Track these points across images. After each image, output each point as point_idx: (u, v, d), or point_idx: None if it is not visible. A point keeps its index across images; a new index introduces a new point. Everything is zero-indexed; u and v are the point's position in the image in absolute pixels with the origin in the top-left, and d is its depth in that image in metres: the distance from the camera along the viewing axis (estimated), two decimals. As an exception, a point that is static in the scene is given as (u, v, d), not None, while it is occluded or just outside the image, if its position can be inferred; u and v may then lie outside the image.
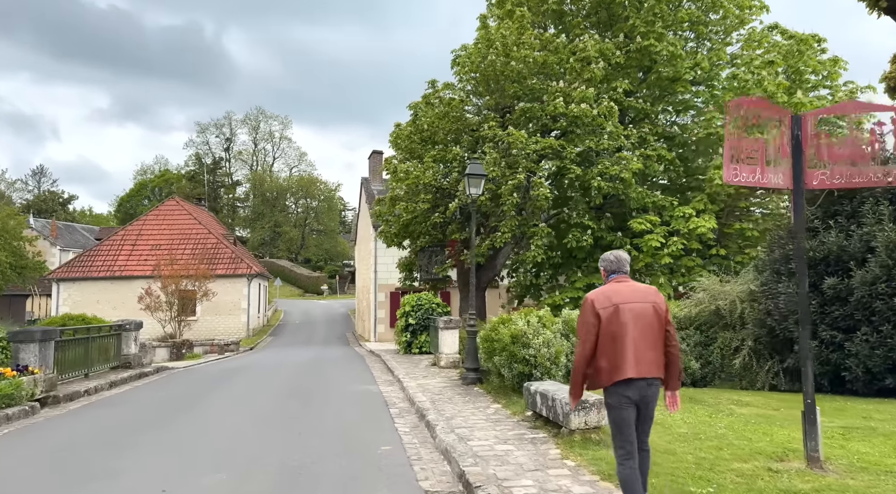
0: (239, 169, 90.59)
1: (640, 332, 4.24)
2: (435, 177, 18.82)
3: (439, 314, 17.94)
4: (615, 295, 4.34)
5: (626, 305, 4.28)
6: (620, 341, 4.21)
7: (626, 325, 4.22)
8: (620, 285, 4.45)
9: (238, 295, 33.00)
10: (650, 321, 4.29)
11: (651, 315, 4.30)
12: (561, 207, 19.39)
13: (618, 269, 4.55)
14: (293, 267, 75.45)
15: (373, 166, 32.48)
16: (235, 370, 16.45)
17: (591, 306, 4.31)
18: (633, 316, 4.26)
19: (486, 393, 10.35)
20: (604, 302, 4.30)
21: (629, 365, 4.19)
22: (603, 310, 4.27)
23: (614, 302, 4.29)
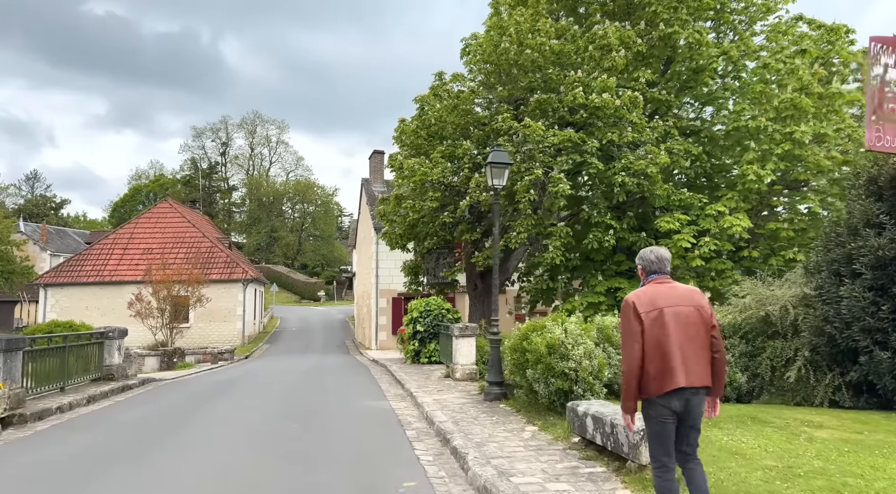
0: (235, 173, 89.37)
1: (686, 337, 3.97)
2: (443, 174, 17.54)
3: (450, 320, 16.63)
4: (657, 297, 4.06)
5: (669, 308, 4.00)
6: (666, 346, 3.93)
7: (671, 330, 3.95)
8: (662, 286, 4.15)
9: (233, 300, 31.64)
10: (695, 325, 4.02)
11: (696, 318, 4.04)
12: (577, 206, 18.13)
13: (659, 269, 4.25)
14: (290, 273, 74.07)
15: (374, 167, 31.21)
16: (228, 382, 15.10)
17: (633, 309, 4.02)
18: (677, 319, 3.99)
19: (514, 411, 9.04)
20: (646, 304, 4.02)
21: (679, 372, 3.91)
22: (646, 314, 3.98)
23: (658, 305, 4.01)
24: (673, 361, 3.92)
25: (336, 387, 13.34)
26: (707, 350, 4.05)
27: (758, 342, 11.44)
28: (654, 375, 3.94)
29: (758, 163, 15.78)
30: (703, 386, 3.99)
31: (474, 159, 17.74)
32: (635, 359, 3.96)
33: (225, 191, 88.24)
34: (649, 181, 15.77)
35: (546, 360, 8.03)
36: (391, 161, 20.08)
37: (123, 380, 13.80)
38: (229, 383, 14.78)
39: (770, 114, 16.03)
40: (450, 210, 17.86)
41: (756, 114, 16.27)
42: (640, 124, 15.98)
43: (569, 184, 15.49)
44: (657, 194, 16.15)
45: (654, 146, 15.82)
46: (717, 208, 15.40)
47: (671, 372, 3.91)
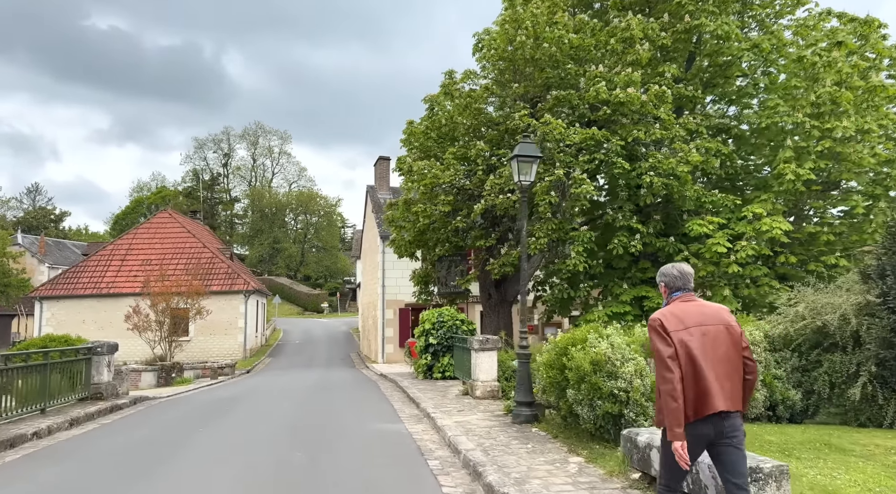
0: (237, 185, 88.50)
1: (717, 357, 3.78)
2: (456, 177, 16.50)
3: (465, 332, 15.51)
4: (685, 316, 3.87)
5: (699, 328, 3.81)
6: (699, 368, 3.72)
7: (703, 350, 3.75)
8: (688, 305, 3.96)
9: (234, 312, 30.56)
10: (726, 346, 3.82)
11: (726, 339, 3.84)
12: (597, 209, 17.06)
13: (683, 285, 4.07)
14: (292, 285, 73.00)
15: (379, 174, 30.19)
16: (228, 400, 13.98)
17: (662, 329, 3.81)
18: (708, 340, 3.79)
19: (550, 436, 7.91)
20: (675, 323, 3.82)
21: (716, 394, 3.69)
22: (675, 333, 3.78)
23: (687, 324, 3.82)
24: (708, 383, 3.68)
25: (344, 406, 12.21)
26: (739, 371, 3.84)
27: (812, 355, 10.31)
28: (690, 398, 3.69)
29: (795, 161, 14.72)
30: (738, 409, 3.77)
31: (488, 161, 16.71)
32: (676, 379, 3.65)
33: (227, 202, 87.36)
34: (679, 181, 14.72)
35: (591, 379, 6.92)
36: (399, 164, 19.05)
37: (113, 400, 12.69)
38: (228, 401, 13.66)
39: (807, 110, 14.98)
40: (462, 214, 16.82)
41: (791, 109, 15.22)
42: (668, 121, 14.94)
43: (592, 185, 14.43)
44: (686, 196, 15.09)
45: (683, 144, 14.77)
46: (755, 209, 14.30)
47: (708, 395, 3.67)
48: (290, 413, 11.30)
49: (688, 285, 4.07)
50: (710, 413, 3.67)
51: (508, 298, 18.41)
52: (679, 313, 3.88)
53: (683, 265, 4.17)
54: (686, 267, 4.14)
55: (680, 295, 4.03)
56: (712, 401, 3.67)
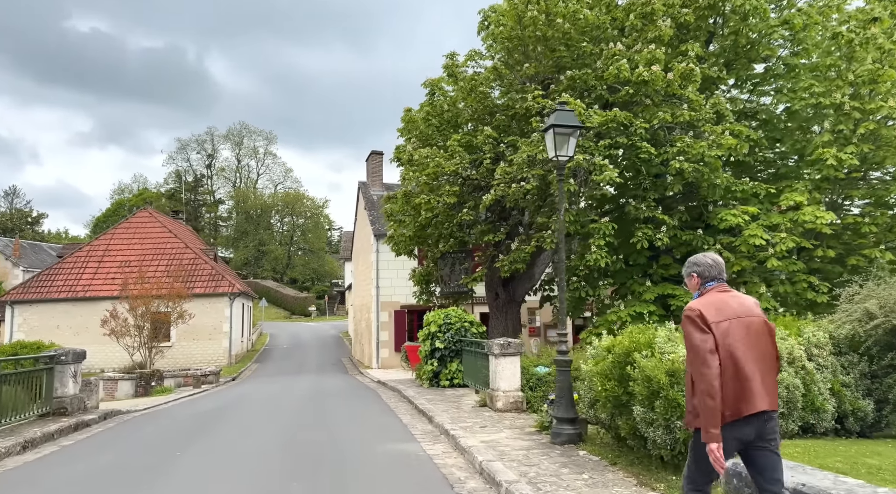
0: (221, 186, 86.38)
1: (759, 354, 3.52)
2: (461, 166, 15.09)
3: (474, 335, 14.10)
4: (724, 307, 3.59)
5: (740, 320, 3.55)
6: (741, 363, 3.44)
7: (745, 345, 3.48)
8: (725, 296, 3.69)
9: (219, 316, 28.91)
10: (765, 340, 3.59)
11: (765, 333, 3.61)
12: (616, 200, 15.72)
13: (717, 275, 3.80)
14: (279, 288, 71.15)
15: (371, 169, 28.72)
16: (212, 414, 12.45)
17: (702, 319, 3.50)
18: (749, 333, 3.53)
19: (607, 462, 6.49)
20: (715, 314, 3.53)
21: (759, 393, 3.42)
22: (716, 325, 3.49)
23: (727, 315, 3.54)
24: (751, 381, 3.44)
25: (344, 421, 10.73)
26: (776, 368, 3.67)
27: (886, 359, 9.02)
28: (731, 397, 3.41)
29: (836, 145, 13.48)
30: (776, 409, 3.53)
31: (496, 149, 15.32)
32: (715, 375, 3.39)
33: (211, 204, 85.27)
34: (709, 168, 13.41)
35: (669, 394, 5.51)
36: (398, 154, 17.61)
37: (79, 415, 11.13)
38: (213, 415, 12.13)
39: (845, 90, 13.75)
40: (469, 206, 15.41)
41: (826, 90, 13.98)
42: (696, 102, 13.63)
43: (615, 172, 13.07)
44: (716, 184, 13.77)
45: (714, 126, 13.46)
46: (795, 198, 12.99)
47: (750, 394, 3.43)
48: (283, 430, 9.80)
49: (722, 275, 3.81)
50: (753, 412, 3.41)
51: (517, 298, 17.03)
52: (718, 304, 3.60)
53: (715, 254, 3.92)
54: (718, 257, 3.88)
55: (714, 285, 3.75)
56: (755, 400, 3.41)
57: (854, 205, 14.94)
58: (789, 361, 7.95)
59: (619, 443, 6.90)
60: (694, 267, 3.87)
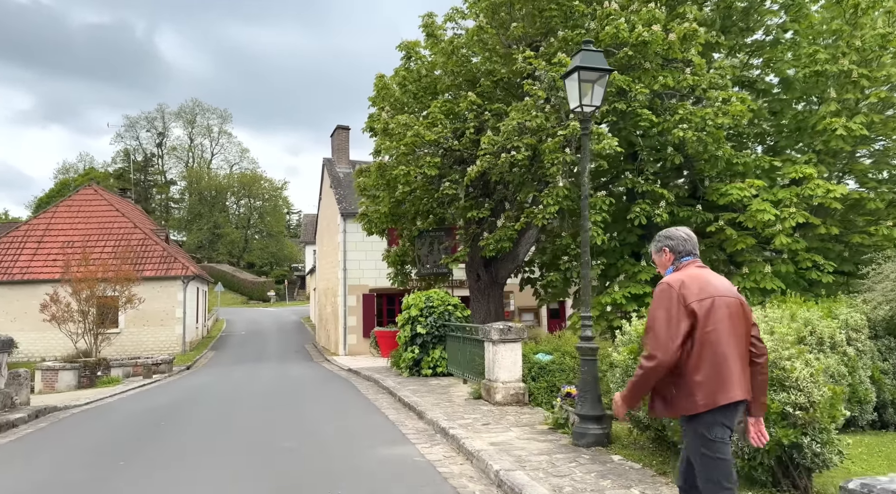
0: (173, 166, 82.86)
1: (737, 337, 3.20)
2: (442, 135, 13.80)
3: (459, 319, 12.91)
4: (706, 284, 3.24)
5: (721, 298, 3.22)
6: (721, 348, 3.13)
7: (725, 326, 3.16)
8: (704, 272, 3.35)
9: (171, 301, 27.06)
10: (742, 322, 3.26)
11: (741, 314, 3.27)
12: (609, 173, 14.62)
13: (692, 250, 3.47)
14: (235, 272, 68.70)
15: (337, 145, 27.10)
16: (165, 410, 10.97)
17: (680, 296, 3.16)
18: (729, 314, 3.20)
19: (655, 472, 5.36)
20: (696, 292, 3.18)
21: (736, 381, 3.12)
22: (698, 304, 3.15)
23: (709, 293, 3.20)
24: (730, 367, 3.10)
25: (321, 417, 9.42)
26: (748, 353, 3.26)
27: (929, 342, 8.20)
28: (706, 385, 3.07)
29: (845, 114, 12.65)
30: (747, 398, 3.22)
31: (480, 117, 14.06)
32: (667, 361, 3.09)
33: (162, 185, 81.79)
34: (713, 139, 12.42)
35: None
36: (370, 122, 16.18)
37: (5, 414, 9.55)
38: (166, 412, 10.66)
39: (852, 57, 12.91)
40: (452, 180, 14.15)
41: (831, 57, 13.12)
42: (699, 65, 12.60)
43: (615, 140, 11.96)
44: (717, 156, 12.80)
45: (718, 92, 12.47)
46: (805, 171, 12.10)
47: (727, 381, 3.08)
48: (250, 431, 8.45)
49: (696, 250, 3.49)
50: (729, 402, 3.08)
51: (500, 280, 15.87)
52: (700, 280, 3.25)
53: (686, 228, 3.57)
54: (691, 231, 3.55)
55: (689, 260, 3.42)
56: (731, 388, 3.09)
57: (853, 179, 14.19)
58: (831, 346, 6.98)
59: (658, 446, 5.81)
60: (666, 241, 3.51)
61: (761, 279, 12.27)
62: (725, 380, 3.09)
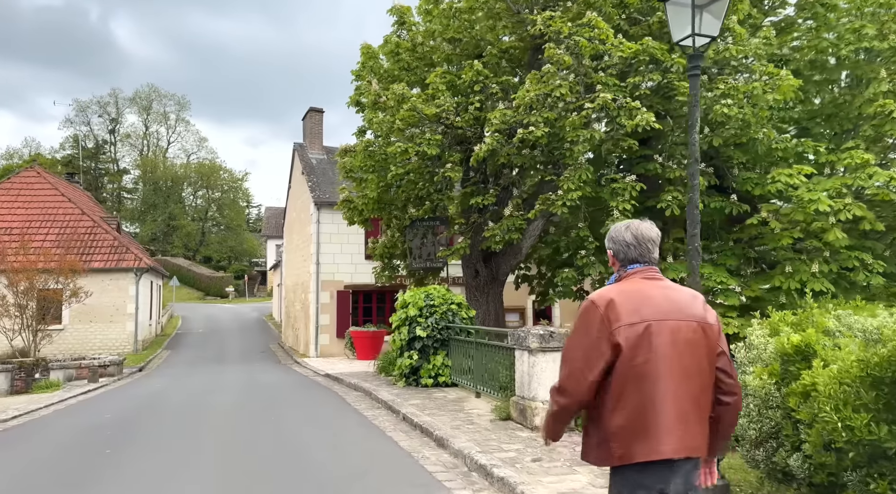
0: (127, 154, 78.73)
1: (683, 373, 2.36)
2: (445, 109, 12.03)
3: (464, 320, 11.15)
4: (644, 303, 2.42)
5: (662, 323, 2.39)
6: (651, 386, 2.32)
7: (664, 360, 2.34)
8: (649, 285, 2.51)
9: (122, 295, 24.60)
10: (699, 354, 2.42)
11: (701, 343, 2.43)
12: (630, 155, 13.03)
13: (640, 256, 2.61)
14: (191, 267, 65.53)
15: (310, 129, 25.00)
16: (111, 430, 8.93)
17: (604, 319, 2.39)
18: (673, 341, 2.38)
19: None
20: (627, 313, 2.39)
21: (666, 431, 2.30)
22: (625, 329, 2.36)
23: (644, 315, 2.38)
24: (660, 411, 2.30)
25: (314, 442, 7.54)
26: (708, 393, 2.43)
27: None
28: (625, 432, 2.32)
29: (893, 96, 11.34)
30: (699, 455, 2.39)
31: (486, 89, 12.33)
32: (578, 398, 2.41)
33: (114, 173, 77.67)
34: (756, 118, 10.96)
35: None
36: (357, 95, 14.28)
37: None
38: (111, 433, 8.63)
39: (903, 33, 11.63)
40: (453, 161, 12.40)
41: (879, 32, 11.83)
42: (739, 35, 11.12)
43: (652, 115, 10.37)
44: (757, 139, 11.35)
45: (765, 65, 11.01)
46: (863, 157, 10.71)
47: (652, 431, 2.29)
48: (224, 466, 6.55)
49: (648, 256, 2.61)
50: (653, 459, 2.27)
51: (500, 277, 14.19)
52: (635, 298, 2.42)
53: (641, 224, 2.66)
54: (645, 228, 2.64)
55: (636, 268, 2.57)
56: (658, 439, 2.28)
57: None
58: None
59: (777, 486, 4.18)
60: (609, 243, 2.71)
61: (808, 280, 10.85)
62: (650, 429, 2.32)
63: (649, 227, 2.69)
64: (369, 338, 19.54)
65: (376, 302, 22.23)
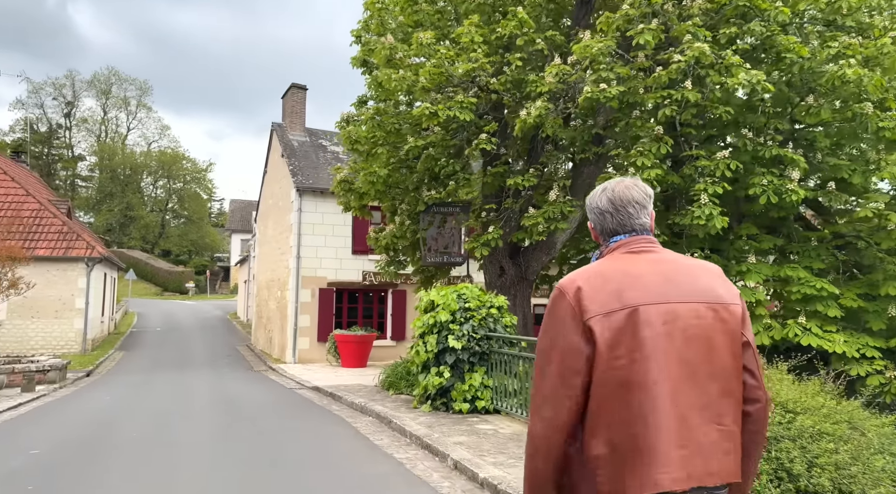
0: (83, 140, 74.21)
1: (686, 373, 1.67)
2: (481, 66, 9.67)
3: (507, 328, 8.81)
4: (627, 284, 1.73)
5: (653, 308, 1.69)
6: (641, 394, 1.64)
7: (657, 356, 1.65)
8: (634, 260, 1.81)
9: (70, 287, 21.59)
10: (710, 347, 1.70)
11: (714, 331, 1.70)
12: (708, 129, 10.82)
13: (623, 223, 1.87)
14: (149, 260, 61.81)
15: (290, 108, 22.35)
16: (32, 479, 6.34)
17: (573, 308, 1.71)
18: (670, 333, 1.67)
19: None
20: (602, 301, 1.70)
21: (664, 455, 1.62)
22: (600, 321, 1.68)
23: (627, 301, 1.70)
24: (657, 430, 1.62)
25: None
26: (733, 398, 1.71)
27: None
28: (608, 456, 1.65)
29: None
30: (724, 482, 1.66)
31: (533, 45, 10.03)
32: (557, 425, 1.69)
33: (68, 160, 73.09)
34: (874, 86, 8.89)
35: None
36: (367, 50, 11.76)
37: None
38: (35, 489, 6.05)
39: None
40: (489, 132, 10.08)
41: None
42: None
43: (762, 74, 8.19)
44: (863, 114, 9.27)
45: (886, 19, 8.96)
46: None
47: (649, 457, 1.61)
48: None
49: (630, 222, 1.86)
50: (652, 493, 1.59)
51: (529, 276, 11.90)
52: (615, 276, 1.74)
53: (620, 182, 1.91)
54: (623, 187, 1.89)
55: (620, 240, 1.86)
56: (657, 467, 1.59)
57: None
58: None
59: None
60: (588, 213, 1.97)
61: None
62: (642, 454, 1.59)
63: (630, 185, 1.89)
64: (356, 343, 17.09)
65: (363, 302, 19.76)
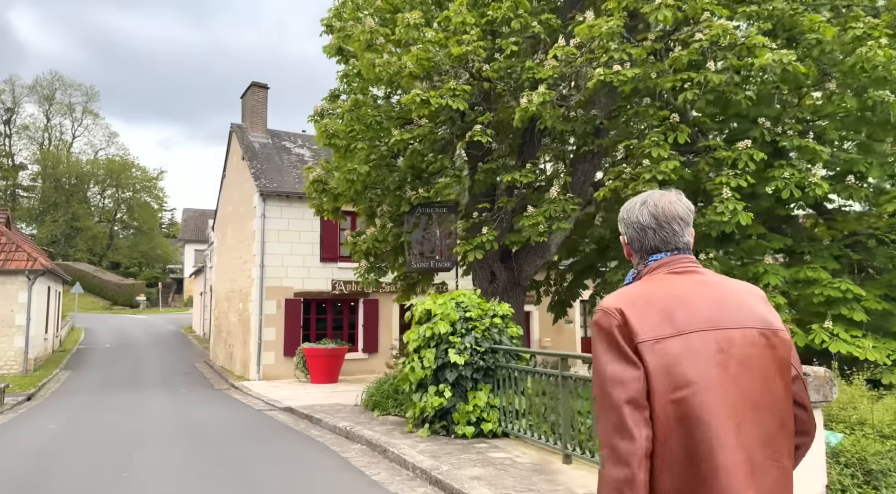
0: (24, 148, 70.58)
1: (747, 406, 1.47)
2: (475, 49, 8.75)
3: (513, 340, 7.85)
4: (676, 307, 1.53)
5: (708, 335, 1.50)
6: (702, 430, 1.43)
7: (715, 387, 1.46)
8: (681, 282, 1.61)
9: (10, 302, 19.78)
10: (768, 375, 1.52)
11: (768, 359, 1.53)
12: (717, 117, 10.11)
13: (665, 241, 1.67)
14: (97, 273, 58.89)
15: (251, 108, 21.03)
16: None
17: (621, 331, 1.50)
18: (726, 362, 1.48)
19: None
20: (652, 325, 1.50)
21: None
22: (650, 347, 1.48)
23: (678, 326, 1.50)
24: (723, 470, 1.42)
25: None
26: (789, 431, 1.54)
27: None
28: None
29: None
30: None
31: (527, 29, 9.16)
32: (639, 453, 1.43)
33: (9, 168, 69.35)
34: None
35: None
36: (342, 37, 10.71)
37: None
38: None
39: None
40: (484, 122, 9.15)
41: None
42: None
43: (792, 54, 7.47)
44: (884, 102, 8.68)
45: None
46: None
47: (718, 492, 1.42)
48: None
49: (674, 241, 1.66)
50: None
51: (522, 281, 10.98)
52: (664, 299, 1.55)
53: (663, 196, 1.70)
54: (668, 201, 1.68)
55: (660, 260, 1.66)
56: None
57: None
58: None
59: None
60: (621, 228, 1.76)
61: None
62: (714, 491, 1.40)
63: (674, 200, 1.68)
64: (326, 357, 15.94)
65: (332, 313, 18.57)
